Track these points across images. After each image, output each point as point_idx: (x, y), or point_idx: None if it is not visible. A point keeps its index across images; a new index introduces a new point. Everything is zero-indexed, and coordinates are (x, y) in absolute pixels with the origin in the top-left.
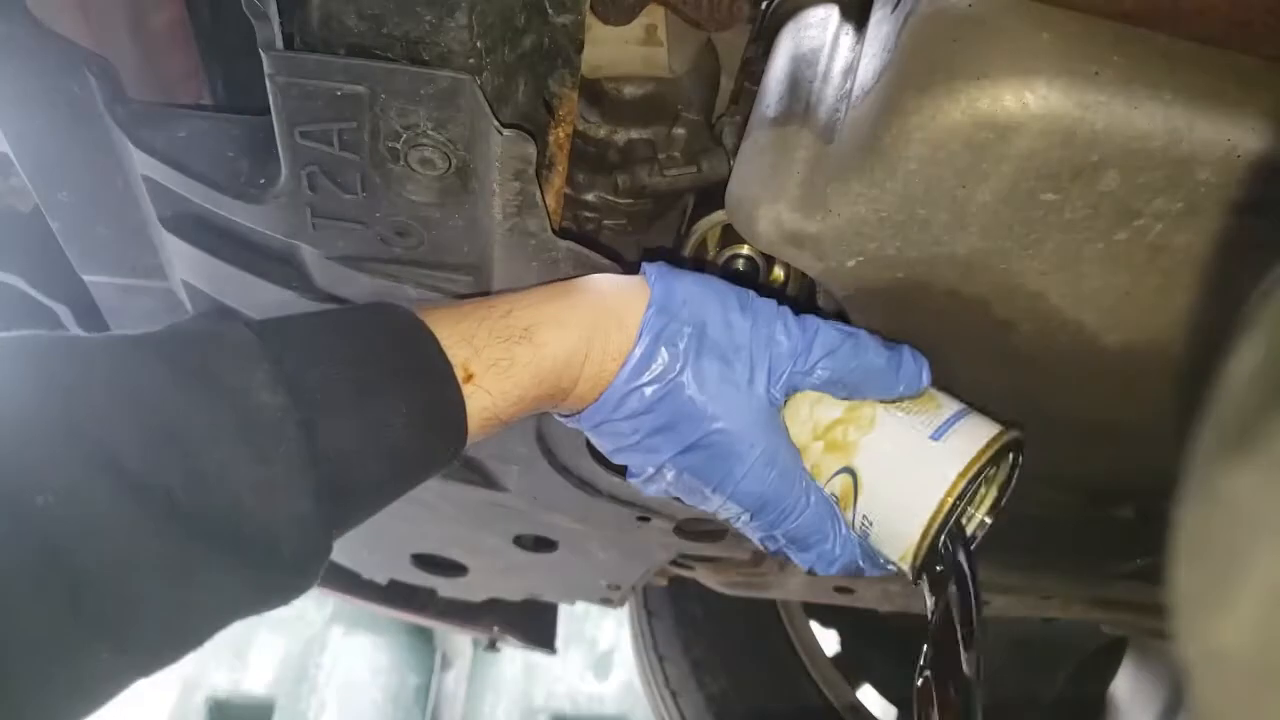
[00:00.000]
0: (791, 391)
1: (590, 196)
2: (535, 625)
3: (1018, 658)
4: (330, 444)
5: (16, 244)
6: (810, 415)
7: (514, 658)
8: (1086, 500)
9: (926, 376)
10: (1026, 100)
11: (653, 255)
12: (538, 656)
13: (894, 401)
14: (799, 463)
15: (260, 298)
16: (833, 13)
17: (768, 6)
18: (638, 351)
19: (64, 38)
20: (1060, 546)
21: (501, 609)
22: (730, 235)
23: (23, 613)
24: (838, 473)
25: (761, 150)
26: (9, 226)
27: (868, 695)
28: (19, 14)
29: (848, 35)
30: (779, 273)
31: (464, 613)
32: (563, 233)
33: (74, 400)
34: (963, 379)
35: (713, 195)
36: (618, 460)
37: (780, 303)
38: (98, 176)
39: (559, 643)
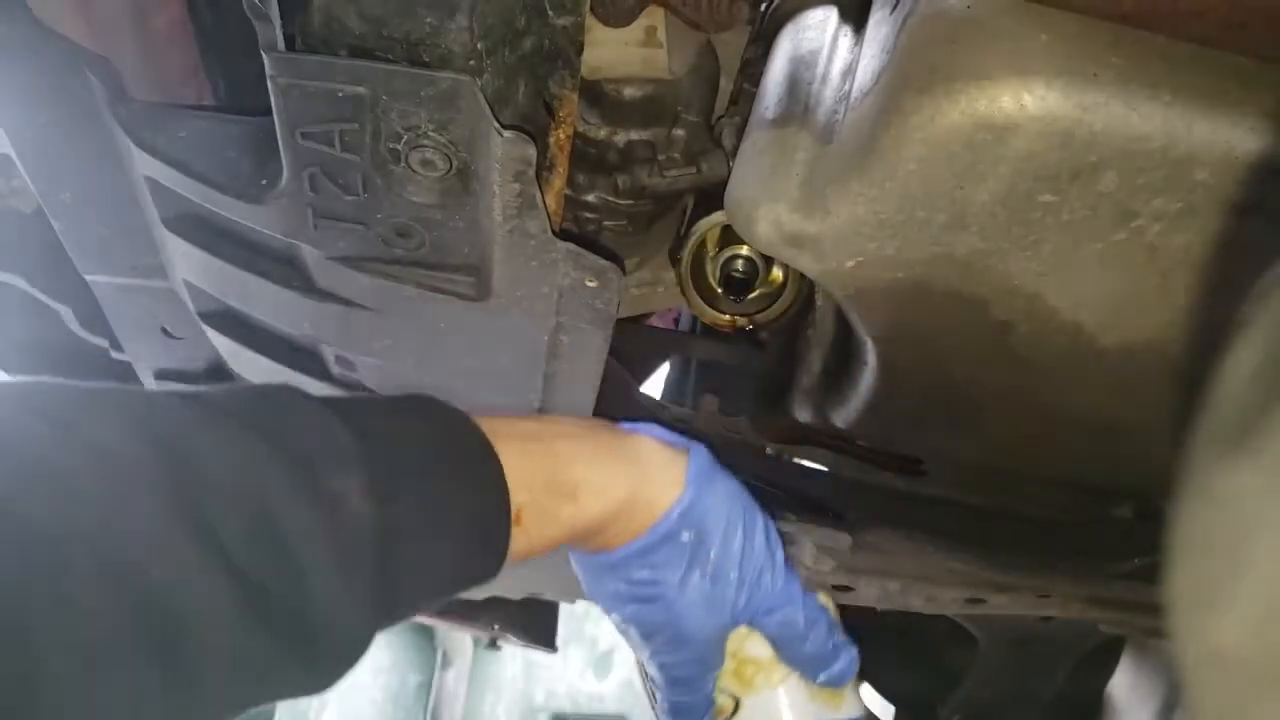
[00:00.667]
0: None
1: (590, 197)
2: (536, 624)
3: (1015, 657)
4: (400, 565)
5: (19, 244)
6: (742, 636)
7: (514, 656)
8: (1085, 499)
9: (849, 681)
10: (1025, 101)
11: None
12: (538, 655)
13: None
14: (717, 666)
15: (261, 298)
16: (832, 14)
17: (767, 8)
18: (647, 541)
19: (66, 38)
20: (1058, 545)
21: (502, 607)
22: (730, 236)
23: (121, 671)
24: (729, 693)
25: (761, 151)
26: (11, 227)
27: (865, 693)
28: (21, 15)
29: (847, 37)
30: (778, 273)
31: (464, 611)
32: (563, 234)
33: (180, 469)
34: (961, 379)
35: (712, 196)
36: (590, 588)
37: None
38: (99, 177)
39: (559, 641)
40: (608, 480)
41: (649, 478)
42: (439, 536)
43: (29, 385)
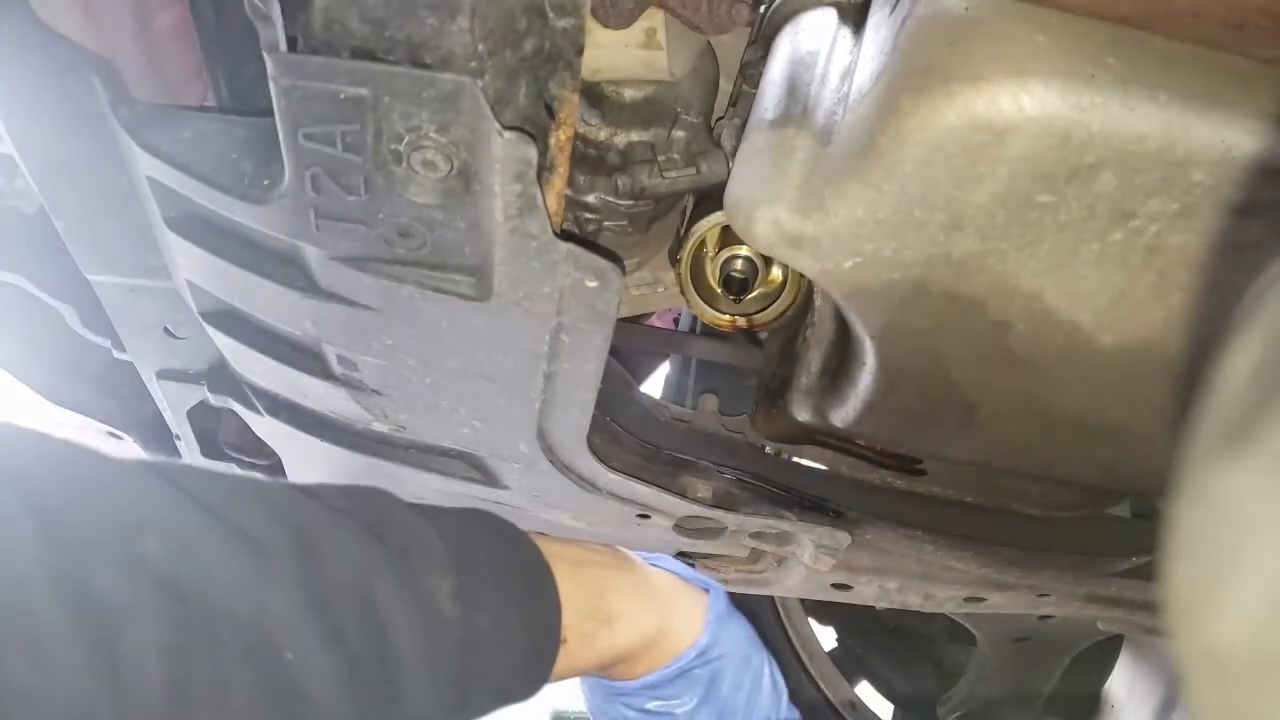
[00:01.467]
0: None
1: (591, 198)
2: None
3: (1013, 655)
4: (474, 674)
5: (21, 245)
6: None
7: None
8: (1083, 498)
9: None
10: (1022, 102)
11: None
12: None
13: None
14: None
15: (263, 298)
16: (831, 16)
17: (766, 10)
18: (664, 673)
19: (68, 39)
20: (1056, 544)
21: None
22: (729, 236)
23: None
24: None
25: (760, 152)
26: (14, 227)
27: (865, 691)
28: (23, 16)
29: (845, 38)
30: (777, 273)
31: None
32: (564, 234)
33: (309, 559)
34: (959, 378)
35: (712, 197)
36: (596, 709)
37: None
38: (102, 177)
39: None
40: (641, 614)
41: (673, 614)
42: (506, 650)
43: (176, 466)
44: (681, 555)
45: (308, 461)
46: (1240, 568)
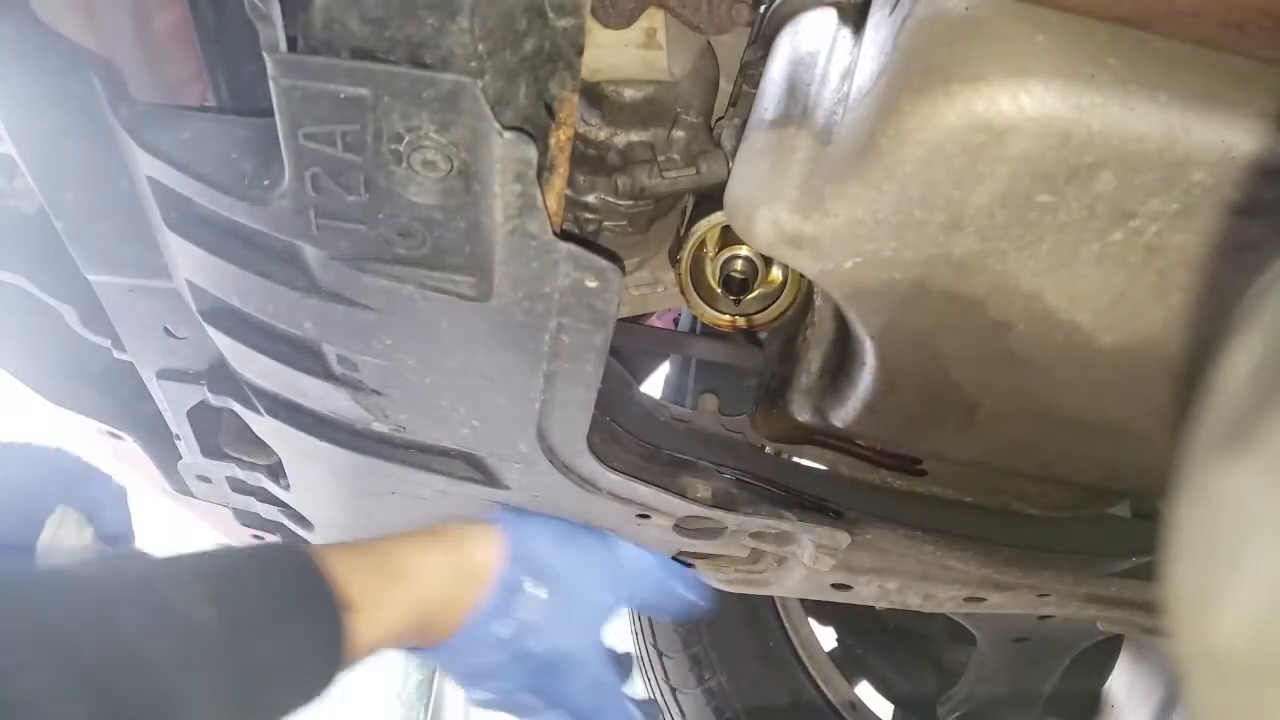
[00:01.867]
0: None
1: (591, 198)
2: None
3: (1013, 655)
4: (249, 659)
5: (21, 244)
6: None
7: None
8: (1083, 498)
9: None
10: (1022, 102)
11: None
12: None
13: None
14: (617, 681)
15: (263, 298)
16: (831, 16)
17: (766, 10)
18: (491, 600)
19: (68, 39)
20: (1056, 544)
21: None
22: (729, 236)
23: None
24: None
25: (760, 152)
26: (14, 227)
27: (865, 692)
28: (24, 16)
29: (845, 38)
30: (777, 274)
31: None
32: (563, 234)
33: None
34: (959, 378)
35: (712, 197)
36: (468, 687)
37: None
38: (102, 177)
39: None
40: (430, 559)
41: (469, 548)
42: (277, 631)
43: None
44: (682, 555)
45: (307, 462)
46: (1240, 568)
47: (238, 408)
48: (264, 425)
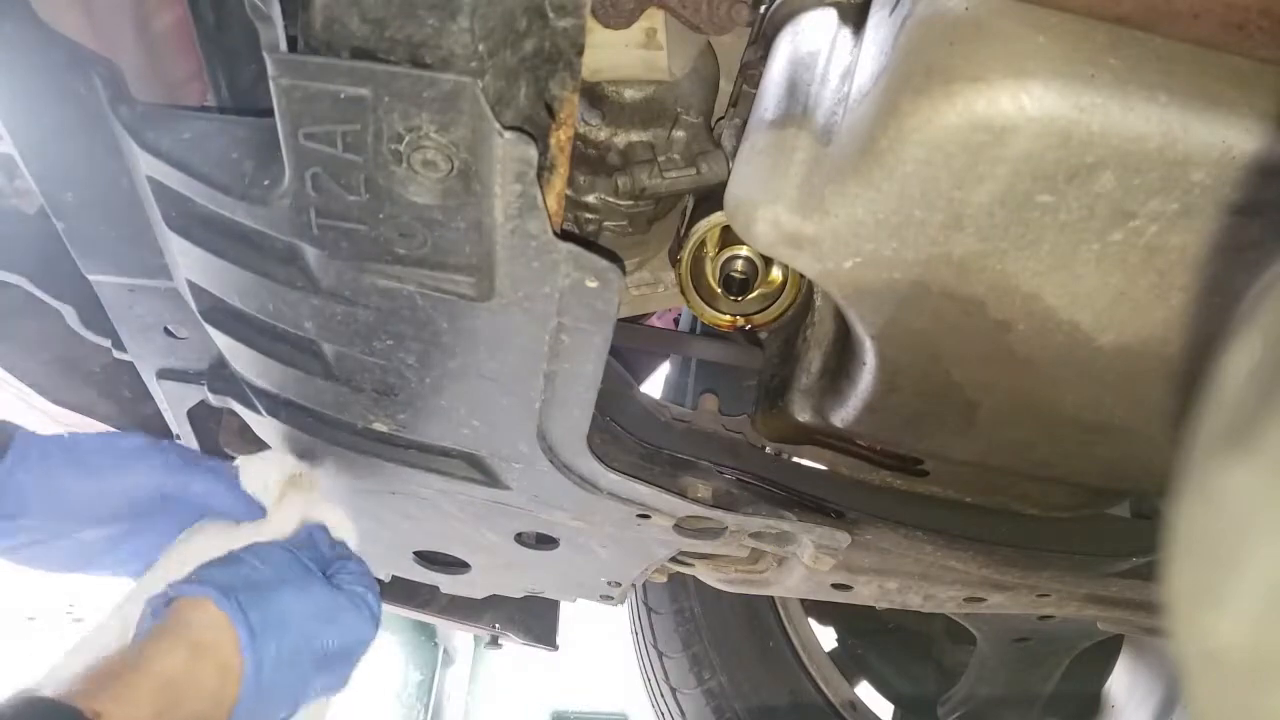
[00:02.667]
0: None
1: (591, 198)
2: (536, 622)
3: (1013, 655)
4: None
5: (22, 245)
6: None
7: (515, 654)
8: (1083, 498)
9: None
10: (1023, 103)
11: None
12: (539, 653)
13: None
14: None
15: (264, 298)
16: (831, 16)
17: (766, 10)
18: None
19: (69, 39)
20: (1057, 544)
21: (503, 606)
22: (729, 236)
23: None
24: None
25: (760, 152)
26: (14, 228)
27: (865, 691)
28: (25, 16)
29: (846, 38)
30: (777, 274)
31: (466, 609)
32: (564, 234)
33: None
34: (960, 378)
35: (712, 197)
36: None
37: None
38: (103, 177)
39: (560, 640)
40: (166, 644)
41: (201, 632)
42: None
43: None
44: (682, 555)
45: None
46: (1241, 568)
47: (238, 407)
48: (264, 425)
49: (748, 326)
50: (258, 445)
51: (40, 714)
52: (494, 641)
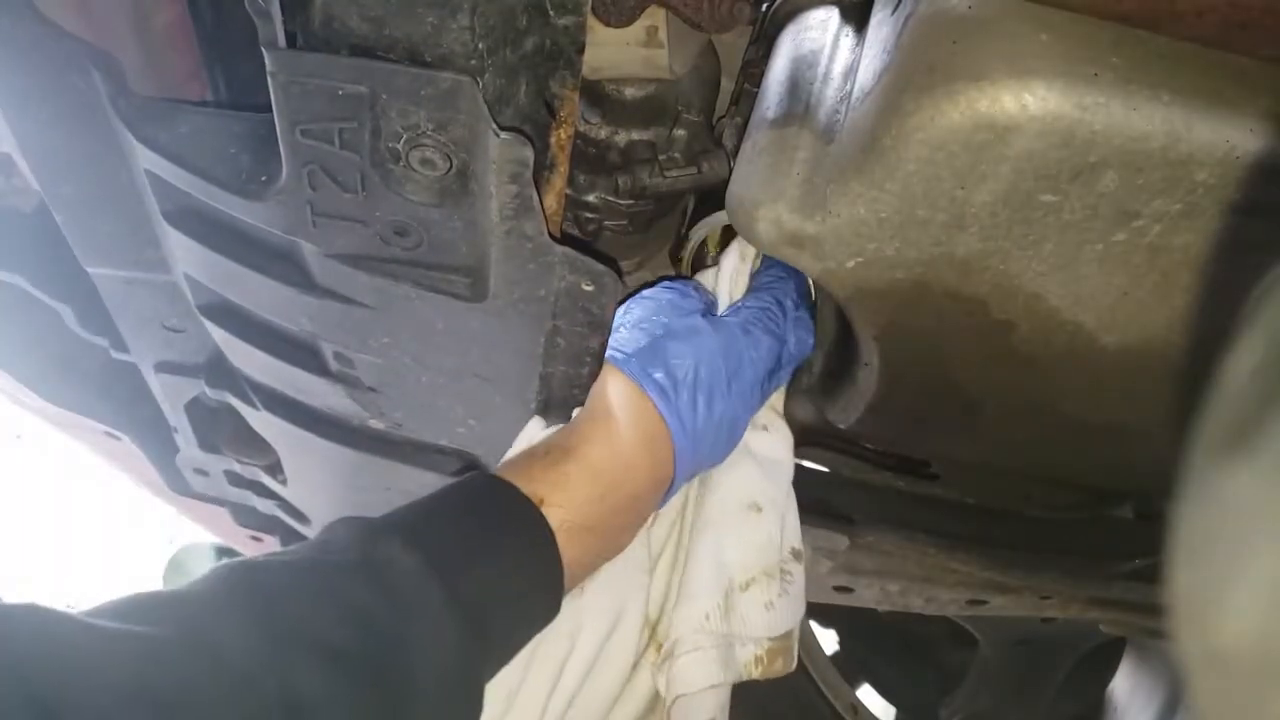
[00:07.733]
0: None
1: (591, 197)
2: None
3: (1016, 658)
4: (467, 595)
5: (19, 244)
6: None
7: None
8: (1086, 500)
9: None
10: (1025, 101)
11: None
12: None
13: None
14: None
15: (260, 293)
16: (833, 15)
17: (768, 8)
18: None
19: (68, 33)
20: (1059, 546)
21: None
22: (731, 236)
23: None
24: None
25: (761, 151)
26: (12, 226)
27: (867, 695)
28: (24, 9)
29: (848, 37)
30: None
31: None
32: (562, 237)
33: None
34: (962, 379)
35: (713, 196)
36: None
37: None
38: (101, 171)
39: None
40: (590, 429)
41: (624, 413)
42: (487, 558)
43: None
44: None
45: (304, 457)
46: (1244, 569)
47: (235, 402)
48: (261, 420)
49: None
50: (255, 441)
51: (495, 492)
52: None
